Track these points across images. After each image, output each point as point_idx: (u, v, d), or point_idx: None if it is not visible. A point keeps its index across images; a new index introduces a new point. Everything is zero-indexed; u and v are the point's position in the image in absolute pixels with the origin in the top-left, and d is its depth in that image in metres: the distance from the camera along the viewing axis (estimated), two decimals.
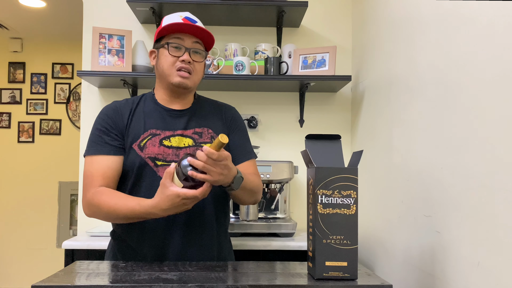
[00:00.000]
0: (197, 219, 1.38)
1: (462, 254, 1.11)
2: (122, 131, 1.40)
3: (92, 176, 1.35)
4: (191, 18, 1.42)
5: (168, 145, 1.39)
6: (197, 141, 1.42)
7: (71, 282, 1.04)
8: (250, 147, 1.54)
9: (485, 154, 1.02)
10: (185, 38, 1.39)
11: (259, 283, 1.05)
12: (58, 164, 4.32)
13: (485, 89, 1.03)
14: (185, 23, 1.37)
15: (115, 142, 1.38)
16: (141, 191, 1.35)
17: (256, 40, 2.36)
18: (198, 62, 1.42)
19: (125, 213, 1.26)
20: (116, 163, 1.37)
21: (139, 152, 1.37)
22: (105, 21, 2.32)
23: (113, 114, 1.42)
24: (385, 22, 1.81)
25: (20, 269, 4.26)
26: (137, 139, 1.38)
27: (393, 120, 1.67)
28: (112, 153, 1.37)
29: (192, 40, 1.40)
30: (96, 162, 1.36)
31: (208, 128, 1.45)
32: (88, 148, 1.40)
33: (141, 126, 1.40)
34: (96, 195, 1.32)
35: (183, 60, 1.37)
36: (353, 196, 1.09)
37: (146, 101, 1.47)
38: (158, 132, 1.40)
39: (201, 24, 1.43)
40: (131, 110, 1.43)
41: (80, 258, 1.89)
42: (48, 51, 4.40)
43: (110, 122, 1.40)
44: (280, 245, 1.91)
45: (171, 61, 1.38)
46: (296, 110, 2.39)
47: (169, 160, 1.37)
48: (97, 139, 1.39)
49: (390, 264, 1.66)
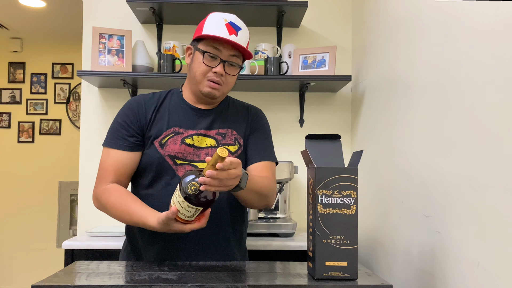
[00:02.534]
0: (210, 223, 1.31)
1: (462, 254, 1.11)
2: (143, 127, 1.38)
3: (106, 170, 1.36)
4: (235, 25, 1.34)
5: (190, 143, 1.36)
6: (220, 142, 1.39)
7: (71, 282, 1.04)
8: (270, 149, 1.47)
9: (486, 154, 1.02)
10: (222, 49, 1.33)
11: (259, 283, 1.04)
12: (58, 164, 4.32)
13: (486, 88, 1.03)
14: (225, 38, 1.30)
15: (133, 138, 1.36)
16: (159, 189, 1.34)
17: (256, 40, 2.36)
18: (231, 75, 1.37)
19: (129, 223, 1.32)
20: (131, 159, 1.37)
21: (159, 149, 1.35)
22: (105, 21, 2.32)
23: (137, 108, 1.39)
24: (385, 22, 1.81)
25: (20, 269, 4.26)
26: (159, 136, 1.36)
27: (393, 120, 1.67)
28: (128, 149, 1.36)
29: (230, 53, 1.34)
30: (112, 156, 1.36)
31: (232, 129, 1.42)
32: (106, 139, 1.40)
33: (164, 123, 1.38)
34: (105, 193, 1.33)
35: (216, 72, 1.33)
36: (353, 196, 1.09)
37: (172, 97, 1.44)
38: (181, 131, 1.37)
39: (245, 29, 1.37)
40: (156, 106, 1.40)
41: (80, 258, 1.89)
42: (48, 51, 4.40)
43: (132, 117, 1.38)
44: (280, 245, 1.91)
45: (204, 70, 1.34)
46: (296, 110, 2.39)
47: (189, 159, 1.35)
48: (116, 133, 1.38)
49: (390, 264, 1.66)
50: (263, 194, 1.34)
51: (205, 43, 1.34)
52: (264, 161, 1.42)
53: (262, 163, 1.42)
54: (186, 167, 1.34)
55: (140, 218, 1.24)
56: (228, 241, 1.39)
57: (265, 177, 1.39)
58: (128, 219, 1.29)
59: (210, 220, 1.32)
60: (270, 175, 1.42)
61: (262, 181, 1.34)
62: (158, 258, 1.34)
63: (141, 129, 1.38)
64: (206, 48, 1.33)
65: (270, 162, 1.44)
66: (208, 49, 1.33)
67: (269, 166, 1.43)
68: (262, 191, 1.33)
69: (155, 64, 2.33)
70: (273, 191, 1.40)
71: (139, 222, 1.25)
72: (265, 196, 1.35)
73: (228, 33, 1.31)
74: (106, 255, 1.89)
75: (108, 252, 1.90)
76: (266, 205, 1.39)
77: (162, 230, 1.20)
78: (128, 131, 1.37)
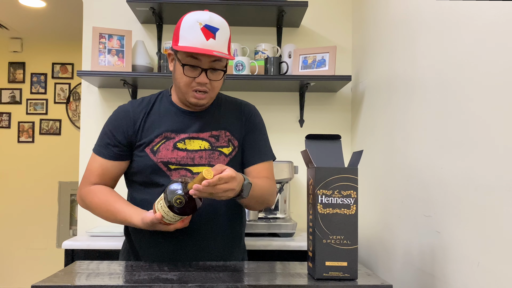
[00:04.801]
0: (208, 224, 1.34)
1: (462, 254, 1.11)
2: (130, 137, 1.37)
3: (92, 173, 1.40)
4: (211, 26, 1.26)
5: (183, 148, 1.35)
6: (214, 144, 1.37)
7: (71, 282, 1.04)
8: (267, 148, 1.46)
9: (485, 154, 1.02)
10: (202, 58, 1.27)
11: (259, 283, 1.04)
12: (58, 164, 4.32)
13: (486, 88, 1.03)
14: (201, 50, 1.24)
15: (116, 148, 1.37)
16: (155, 192, 1.33)
17: (256, 40, 2.36)
18: (216, 80, 1.32)
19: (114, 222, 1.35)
20: (115, 168, 1.39)
21: (151, 156, 1.34)
22: (105, 21, 2.32)
23: (124, 119, 1.38)
24: (385, 22, 1.81)
25: (20, 269, 4.26)
26: (150, 143, 1.35)
27: (393, 120, 1.67)
28: (112, 158, 1.38)
29: (209, 59, 1.28)
30: (97, 162, 1.40)
31: (226, 130, 1.39)
32: (95, 145, 1.42)
33: (154, 129, 1.36)
34: (90, 194, 1.37)
35: (199, 82, 1.29)
36: (353, 196, 1.09)
37: (162, 101, 1.42)
38: (173, 136, 1.35)
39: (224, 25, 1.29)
40: (146, 112, 1.38)
41: (80, 258, 1.89)
42: (48, 51, 4.40)
43: (117, 127, 1.38)
44: (280, 245, 1.91)
45: (187, 81, 1.30)
46: (296, 110, 2.39)
47: (183, 163, 1.34)
48: (102, 141, 1.40)
49: (390, 264, 1.66)
50: (265, 198, 1.36)
51: (184, 54, 1.28)
52: (262, 162, 1.42)
53: (261, 165, 1.41)
54: (180, 171, 1.34)
55: (125, 216, 1.29)
56: (226, 242, 1.39)
57: (265, 178, 1.39)
58: (113, 218, 1.33)
59: (208, 222, 1.34)
60: (270, 175, 1.43)
61: (263, 185, 1.34)
62: (157, 259, 1.34)
63: (128, 139, 1.37)
64: (184, 59, 1.28)
65: (269, 162, 1.44)
66: (187, 60, 1.28)
67: (268, 166, 1.43)
68: (264, 195, 1.34)
69: (155, 64, 2.33)
70: (273, 191, 1.41)
71: (124, 221, 1.30)
72: (267, 199, 1.38)
73: (205, 39, 1.25)
74: (106, 255, 1.89)
75: (108, 252, 1.90)
76: (267, 206, 1.42)
77: (147, 228, 1.26)
78: (112, 141, 1.37)
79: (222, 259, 1.36)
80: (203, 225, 1.33)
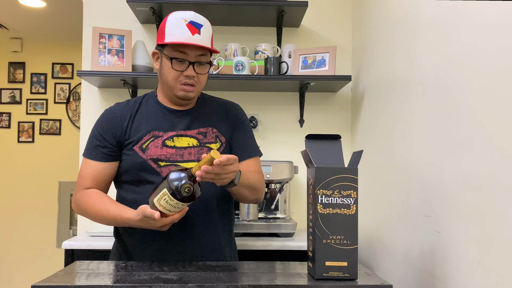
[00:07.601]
0: (200, 220, 1.37)
1: (462, 254, 1.11)
2: (119, 137, 1.40)
3: (84, 178, 1.41)
4: (196, 23, 1.34)
5: (171, 145, 1.38)
6: (202, 141, 1.41)
7: (71, 282, 1.04)
8: (254, 145, 1.52)
9: (485, 154, 1.02)
10: (189, 51, 1.34)
11: (259, 283, 1.05)
12: (58, 164, 4.32)
13: (485, 89, 1.03)
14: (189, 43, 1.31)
15: (106, 149, 1.40)
16: (144, 190, 1.35)
17: (256, 40, 2.36)
18: (202, 74, 1.39)
19: (108, 220, 1.34)
20: (107, 169, 1.41)
21: (140, 154, 1.37)
22: (105, 21, 2.32)
23: (111, 119, 1.42)
24: (385, 22, 1.81)
25: (20, 269, 4.26)
26: (139, 141, 1.38)
27: (393, 120, 1.67)
28: (103, 160, 1.40)
29: (196, 53, 1.35)
30: (89, 165, 1.41)
31: (212, 127, 1.44)
32: (85, 149, 1.44)
33: (142, 128, 1.39)
34: (84, 197, 1.38)
35: (187, 75, 1.35)
36: (353, 196, 1.09)
37: (148, 102, 1.46)
38: (161, 134, 1.39)
39: (207, 23, 1.37)
40: (132, 114, 1.42)
41: (80, 258, 1.89)
42: (48, 51, 4.40)
43: (106, 128, 1.41)
44: (280, 245, 1.91)
45: (175, 75, 1.36)
46: (296, 110, 2.39)
47: (172, 160, 1.37)
48: (92, 144, 1.42)
49: (390, 264, 1.66)
50: (256, 189, 1.41)
51: (171, 49, 1.34)
52: (251, 158, 1.47)
53: (250, 160, 1.47)
54: (170, 167, 1.34)
55: (119, 212, 1.30)
56: (218, 238, 1.42)
57: (255, 171, 1.45)
58: (106, 215, 1.33)
59: (200, 218, 1.37)
60: (258, 169, 1.49)
61: (253, 176, 1.40)
62: (150, 257, 1.35)
63: (117, 139, 1.40)
64: (172, 54, 1.34)
65: (256, 158, 1.50)
66: (174, 54, 1.34)
67: (256, 162, 1.50)
68: (254, 185, 1.39)
69: None
70: (262, 184, 1.47)
71: (117, 217, 1.30)
72: (257, 191, 1.42)
73: (190, 34, 1.32)
74: (106, 255, 1.88)
75: (108, 252, 1.88)
76: (257, 198, 1.45)
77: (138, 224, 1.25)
78: (101, 142, 1.40)
79: (215, 256, 1.39)
80: (196, 220, 1.36)
